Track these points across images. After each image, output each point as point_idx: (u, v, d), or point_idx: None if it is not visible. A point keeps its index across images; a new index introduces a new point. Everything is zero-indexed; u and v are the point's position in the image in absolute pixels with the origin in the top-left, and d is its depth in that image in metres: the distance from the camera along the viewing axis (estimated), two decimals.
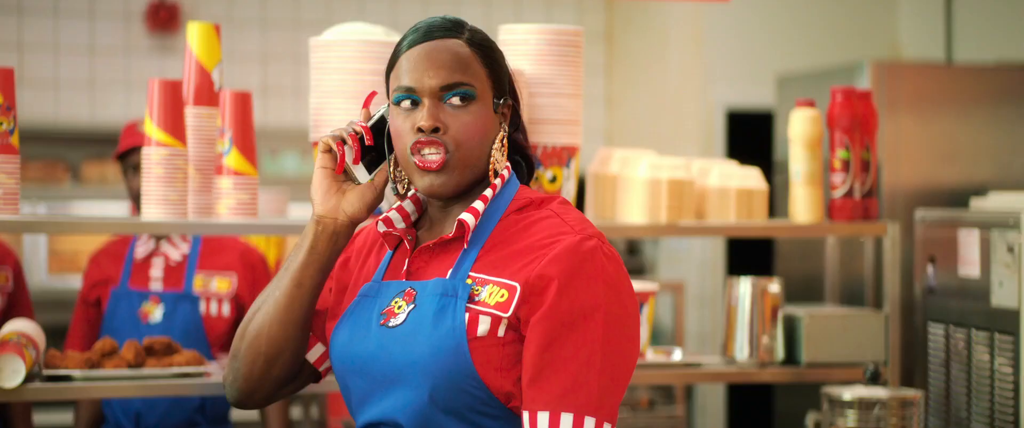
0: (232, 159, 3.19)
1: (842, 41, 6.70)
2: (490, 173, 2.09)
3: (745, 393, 6.81)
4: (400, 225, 2.11)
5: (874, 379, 3.41)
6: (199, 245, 3.99)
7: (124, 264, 3.99)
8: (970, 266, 3.72)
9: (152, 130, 3.07)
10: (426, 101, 2.03)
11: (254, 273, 4.00)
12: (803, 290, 4.97)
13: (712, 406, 6.79)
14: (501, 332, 1.97)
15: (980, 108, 5.05)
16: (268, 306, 2.09)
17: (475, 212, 2.04)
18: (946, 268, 3.85)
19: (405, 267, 2.08)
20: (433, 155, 2.02)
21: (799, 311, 3.66)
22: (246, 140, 3.21)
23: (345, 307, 2.14)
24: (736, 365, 3.54)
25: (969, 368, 3.73)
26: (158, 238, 4.00)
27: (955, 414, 3.78)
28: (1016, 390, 3.51)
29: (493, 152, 2.08)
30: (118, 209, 5.69)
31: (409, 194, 2.13)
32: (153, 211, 3.07)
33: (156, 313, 3.90)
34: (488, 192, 2.07)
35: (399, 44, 2.10)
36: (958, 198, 4.77)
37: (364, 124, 2.07)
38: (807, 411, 3.82)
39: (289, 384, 2.16)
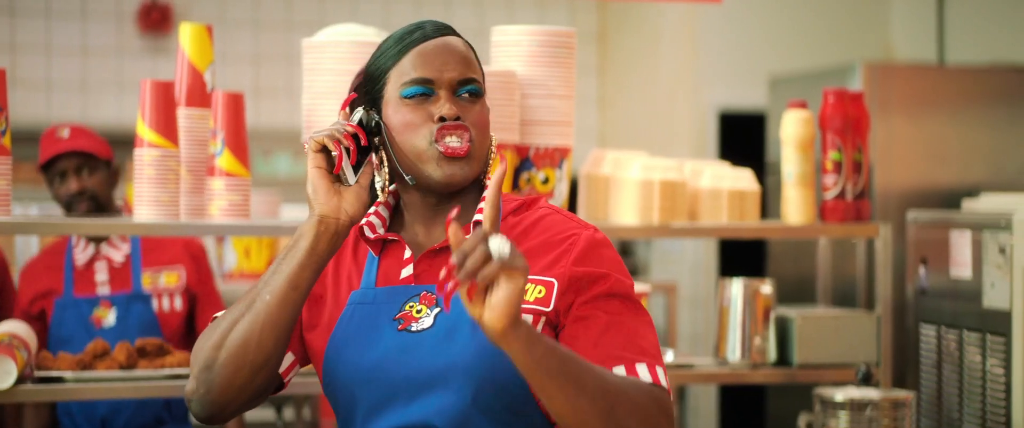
0: (224, 160, 3.19)
1: (834, 42, 6.71)
2: (486, 173, 2.11)
3: (737, 394, 6.82)
4: (380, 230, 2.09)
5: (866, 380, 3.41)
6: (139, 243, 3.94)
7: (64, 273, 3.91)
8: (962, 267, 3.72)
9: (144, 131, 3.06)
10: (443, 93, 2.03)
11: (198, 263, 3.99)
12: (795, 291, 4.97)
13: (704, 407, 6.80)
14: (539, 328, 1.98)
15: (972, 109, 5.06)
16: (257, 312, 1.98)
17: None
18: (938, 269, 3.85)
19: (412, 271, 2.05)
20: (459, 141, 2.01)
21: (791, 312, 3.66)
22: (238, 141, 3.21)
23: (329, 317, 2.08)
24: (728, 366, 3.55)
25: (961, 369, 3.73)
26: (98, 242, 3.92)
27: (947, 415, 3.79)
28: (1007, 391, 3.51)
29: (491, 151, 2.10)
30: None
31: (383, 199, 2.10)
32: (145, 212, 3.06)
33: (109, 317, 3.84)
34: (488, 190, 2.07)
35: (393, 46, 2.07)
36: (950, 199, 4.77)
37: (354, 124, 2.04)
38: (799, 412, 3.82)
39: (262, 395, 2.07)
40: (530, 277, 1.98)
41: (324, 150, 2.01)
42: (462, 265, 1.71)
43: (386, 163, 2.06)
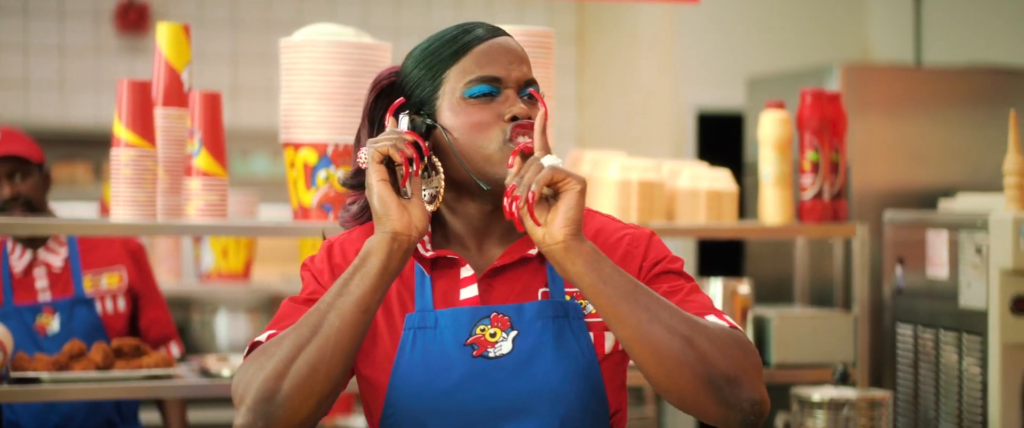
0: (201, 160, 3.18)
1: (812, 43, 6.73)
2: None
3: None
4: (429, 246, 1.96)
5: (843, 380, 3.42)
6: (77, 245, 3.86)
7: (2, 282, 3.79)
8: (938, 267, 3.74)
9: (121, 131, 3.05)
10: (509, 92, 1.94)
11: (139, 262, 3.93)
12: (773, 291, 4.99)
13: None
14: (612, 341, 1.92)
15: (949, 110, 5.08)
16: (327, 337, 1.79)
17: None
18: (915, 269, 3.87)
19: (476, 291, 1.93)
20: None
21: (769, 312, 3.67)
22: (216, 141, 3.20)
23: (386, 345, 1.93)
24: None
25: (937, 368, 3.74)
26: (34, 248, 3.81)
27: (923, 414, 3.80)
28: (984, 390, 3.53)
29: None
30: (88, 210, 5.67)
31: (431, 210, 1.93)
32: (122, 213, 3.05)
33: (53, 324, 3.76)
34: None
35: (449, 45, 1.95)
36: (927, 200, 4.79)
37: (413, 133, 1.88)
38: (777, 412, 3.83)
39: (316, 422, 1.89)
40: None
41: (386, 161, 1.84)
42: (520, 184, 1.72)
43: (441, 171, 1.92)
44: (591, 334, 1.91)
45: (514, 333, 1.90)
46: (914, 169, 4.99)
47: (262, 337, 1.90)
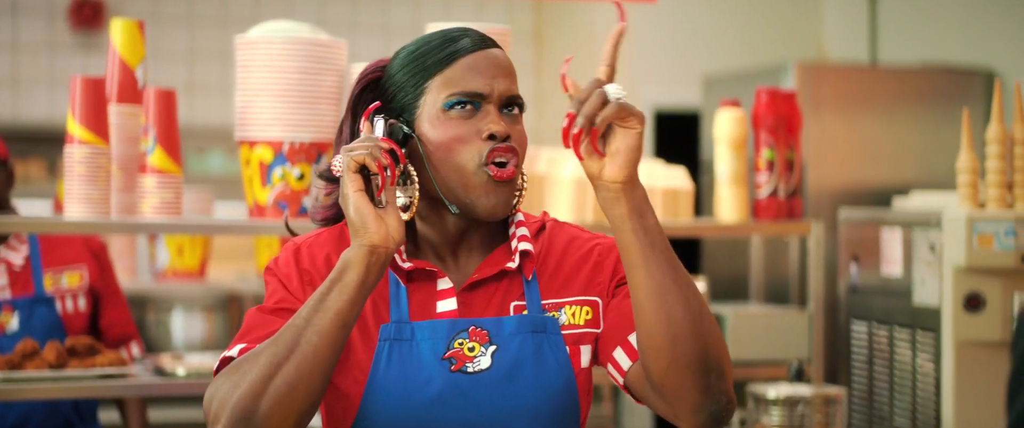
0: (156, 157, 3.16)
1: (768, 42, 6.76)
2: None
3: None
4: (406, 255, 1.91)
5: (798, 377, 3.44)
6: (38, 244, 3.83)
7: None
8: (892, 265, 3.76)
9: (74, 128, 3.03)
10: (490, 107, 1.87)
11: (100, 261, 3.89)
12: (729, 289, 5.00)
13: (639, 405, 6.82)
14: (589, 353, 1.91)
15: (903, 109, 5.11)
16: (305, 355, 1.74)
17: (528, 239, 1.93)
18: (869, 267, 3.89)
19: (455, 304, 1.89)
20: (506, 164, 1.86)
21: (725, 310, 3.68)
22: (170, 138, 3.18)
23: (359, 356, 1.88)
24: None
25: (891, 365, 3.77)
26: None
27: (878, 411, 3.82)
28: (937, 386, 3.55)
29: (522, 177, 1.97)
30: (43, 208, 5.62)
31: (407, 217, 1.87)
32: (76, 210, 3.03)
33: (12, 322, 3.72)
34: (524, 230, 1.96)
35: (436, 52, 1.89)
36: (881, 198, 4.82)
37: (389, 140, 1.81)
38: None
39: None
40: (574, 299, 1.91)
41: (361, 170, 1.77)
42: (580, 112, 1.67)
43: (417, 180, 1.87)
44: (567, 348, 1.89)
45: (493, 348, 1.87)
46: (869, 167, 5.02)
47: (233, 352, 1.84)
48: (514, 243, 1.92)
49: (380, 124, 1.85)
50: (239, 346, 1.85)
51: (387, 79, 1.92)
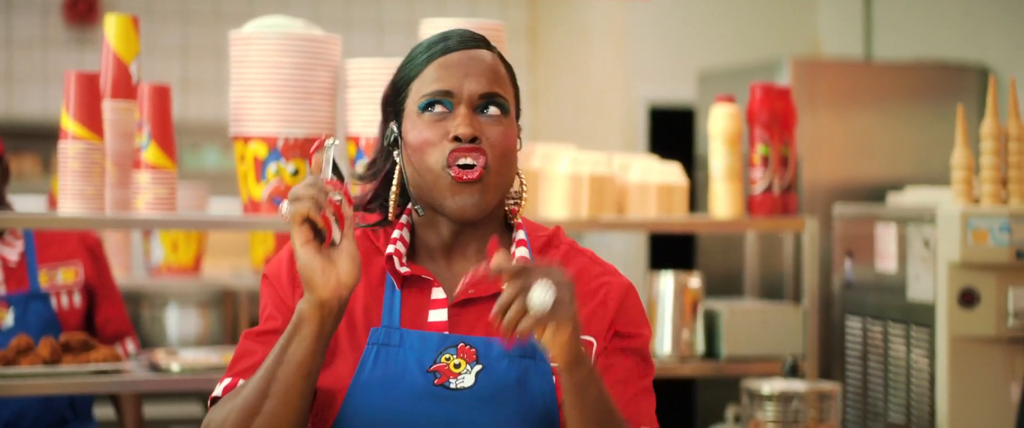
0: (150, 153, 3.16)
1: (762, 38, 6.76)
2: (511, 203, 1.98)
3: (666, 387, 6.83)
4: (405, 259, 1.90)
5: (792, 372, 3.44)
6: (33, 239, 3.82)
7: None
8: (887, 260, 3.76)
9: (69, 123, 3.03)
10: (461, 109, 1.86)
11: (96, 257, 3.88)
12: (723, 284, 5.01)
13: None
14: None
15: (898, 105, 5.12)
16: (275, 405, 1.78)
17: (526, 260, 1.88)
18: (863, 262, 3.90)
19: (445, 316, 1.89)
20: (473, 165, 1.84)
21: (719, 305, 3.68)
22: (164, 134, 3.18)
23: (345, 356, 1.88)
24: (657, 359, 3.56)
25: (886, 361, 3.77)
26: None
27: (872, 406, 3.83)
28: (931, 382, 3.56)
29: (517, 179, 1.96)
30: (36, 204, 5.62)
31: (392, 216, 1.90)
32: (70, 206, 3.03)
33: (7, 318, 3.70)
34: (522, 234, 1.95)
35: (421, 54, 1.90)
36: (876, 193, 4.83)
37: (332, 180, 1.78)
38: (727, 404, 3.85)
39: None
40: None
41: (308, 221, 1.75)
42: (503, 317, 1.66)
43: (403, 182, 1.90)
44: (554, 378, 1.87)
45: (478, 367, 1.85)
46: (863, 163, 5.02)
47: (218, 389, 1.88)
48: (513, 260, 1.86)
49: (331, 150, 1.80)
50: (226, 382, 1.89)
51: (391, 83, 1.93)
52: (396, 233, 1.91)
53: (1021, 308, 3.45)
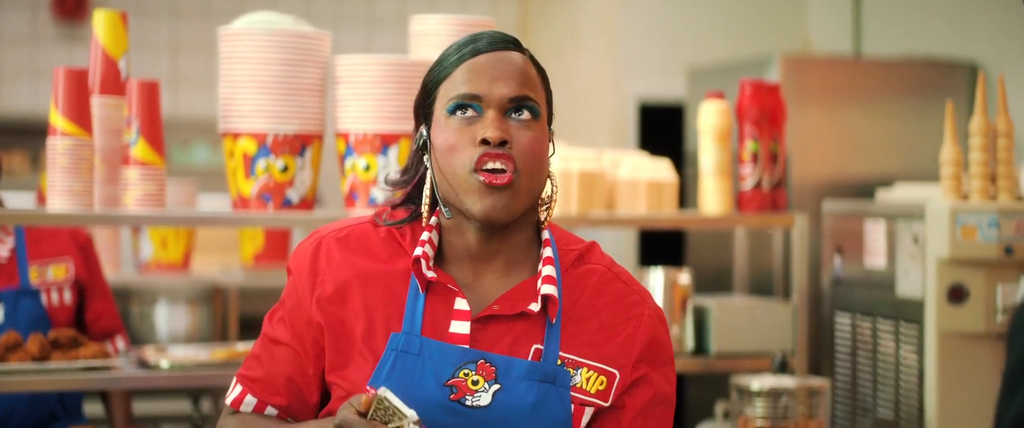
0: (139, 149, 3.16)
1: (752, 34, 6.76)
2: (541, 209, 1.93)
3: None
4: (432, 262, 1.87)
5: (782, 368, 3.45)
6: (24, 236, 3.81)
7: None
8: (876, 257, 3.77)
9: (57, 120, 3.02)
10: (491, 112, 1.82)
11: (86, 254, 3.87)
12: (713, 281, 5.01)
13: None
14: (586, 418, 1.85)
15: (887, 101, 5.12)
16: None
17: (553, 281, 1.85)
18: (853, 259, 3.90)
19: (468, 329, 1.84)
20: (501, 169, 1.80)
21: (709, 302, 3.69)
22: (153, 130, 3.18)
23: (362, 360, 1.85)
24: None
25: (875, 357, 3.78)
26: None
27: (861, 402, 3.83)
28: (920, 378, 3.56)
29: (550, 183, 1.93)
30: (25, 200, 5.61)
31: (426, 220, 1.87)
32: (58, 202, 3.02)
33: None
34: (549, 251, 1.89)
35: (451, 56, 1.87)
36: (865, 190, 4.83)
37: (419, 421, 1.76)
38: (716, 400, 3.85)
39: None
40: (594, 364, 1.85)
41: None
42: None
43: (431, 185, 1.87)
44: (573, 406, 1.83)
45: (496, 387, 1.81)
46: (852, 160, 5.03)
47: (232, 395, 1.92)
48: (540, 280, 1.86)
49: (396, 401, 1.74)
50: (238, 390, 1.92)
51: (422, 86, 1.90)
52: (425, 235, 1.87)
53: (1009, 304, 3.46)
